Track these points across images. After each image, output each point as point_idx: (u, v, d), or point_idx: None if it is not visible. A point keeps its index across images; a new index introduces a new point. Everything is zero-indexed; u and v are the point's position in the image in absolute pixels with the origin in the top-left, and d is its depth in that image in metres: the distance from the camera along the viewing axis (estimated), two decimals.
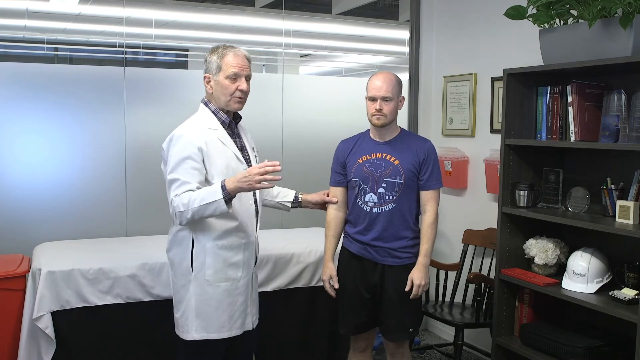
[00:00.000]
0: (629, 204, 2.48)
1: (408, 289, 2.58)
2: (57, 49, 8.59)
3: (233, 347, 2.45)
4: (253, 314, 2.51)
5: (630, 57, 2.36)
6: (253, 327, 2.51)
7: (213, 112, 2.40)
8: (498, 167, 3.10)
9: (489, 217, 3.45)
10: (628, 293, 2.48)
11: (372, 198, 2.61)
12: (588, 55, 2.54)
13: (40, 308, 2.70)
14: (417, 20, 4.11)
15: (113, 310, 2.85)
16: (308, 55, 10.56)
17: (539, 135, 2.88)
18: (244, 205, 2.39)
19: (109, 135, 3.62)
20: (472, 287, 3.34)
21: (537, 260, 2.85)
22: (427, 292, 3.45)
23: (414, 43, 4.11)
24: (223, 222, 2.33)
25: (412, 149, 2.63)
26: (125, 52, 3.75)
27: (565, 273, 2.74)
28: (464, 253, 3.61)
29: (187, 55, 9.76)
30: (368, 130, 2.74)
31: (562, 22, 2.69)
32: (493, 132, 3.56)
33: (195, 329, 2.36)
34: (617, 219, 2.54)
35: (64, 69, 3.90)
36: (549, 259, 2.82)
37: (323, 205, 2.77)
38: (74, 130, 3.57)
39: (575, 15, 2.62)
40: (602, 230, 2.55)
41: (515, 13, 2.80)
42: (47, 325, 2.71)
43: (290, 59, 9.36)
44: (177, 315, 2.42)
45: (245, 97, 2.39)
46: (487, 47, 3.60)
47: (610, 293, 2.53)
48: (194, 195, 2.21)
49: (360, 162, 2.65)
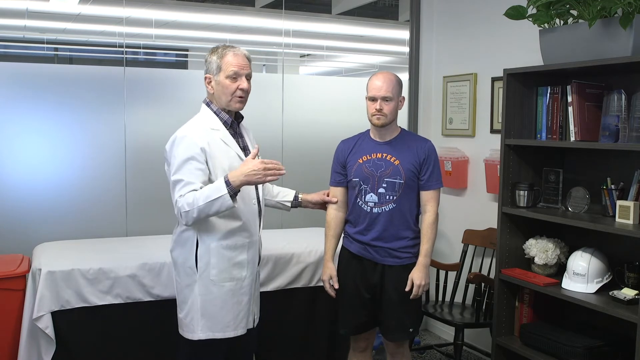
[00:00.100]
0: (629, 204, 2.48)
1: (408, 289, 2.58)
2: (57, 49, 8.59)
3: (234, 346, 2.45)
4: (255, 312, 2.52)
5: (630, 57, 2.36)
6: (254, 325, 2.51)
7: (215, 112, 2.40)
8: (498, 167, 3.10)
9: (489, 217, 3.45)
10: (628, 293, 2.48)
11: (372, 198, 2.61)
12: (588, 55, 2.54)
13: (40, 308, 2.71)
14: (417, 20, 4.10)
15: (113, 310, 2.85)
16: (308, 55, 10.56)
17: (539, 135, 2.88)
18: (248, 205, 2.39)
19: (109, 135, 3.62)
20: (472, 287, 3.34)
21: (537, 260, 2.85)
22: (427, 292, 3.45)
23: (414, 43, 4.11)
24: (227, 222, 2.34)
25: (412, 149, 2.63)
26: (125, 52, 3.75)
27: (565, 273, 2.74)
28: (464, 253, 3.61)
29: (187, 55, 9.76)
30: (368, 130, 2.73)
31: (562, 22, 2.69)
32: (493, 132, 3.56)
33: (201, 329, 2.36)
34: (617, 219, 2.54)
35: (64, 69, 3.89)
36: (549, 259, 2.82)
37: (323, 205, 2.77)
38: (74, 130, 3.56)
39: (575, 15, 2.62)
40: (602, 230, 2.55)
41: (515, 13, 2.80)
42: (47, 325, 2.71)
43: (290, 59, 9.36)
44: (180, 315, 2.42)
45: (247, 96, 2.39)
46: (487, 47, 3.60)
47: (610, 293, 2.53)
48: (198, 194, 2.21)
49: (361, 162, 2.65)
